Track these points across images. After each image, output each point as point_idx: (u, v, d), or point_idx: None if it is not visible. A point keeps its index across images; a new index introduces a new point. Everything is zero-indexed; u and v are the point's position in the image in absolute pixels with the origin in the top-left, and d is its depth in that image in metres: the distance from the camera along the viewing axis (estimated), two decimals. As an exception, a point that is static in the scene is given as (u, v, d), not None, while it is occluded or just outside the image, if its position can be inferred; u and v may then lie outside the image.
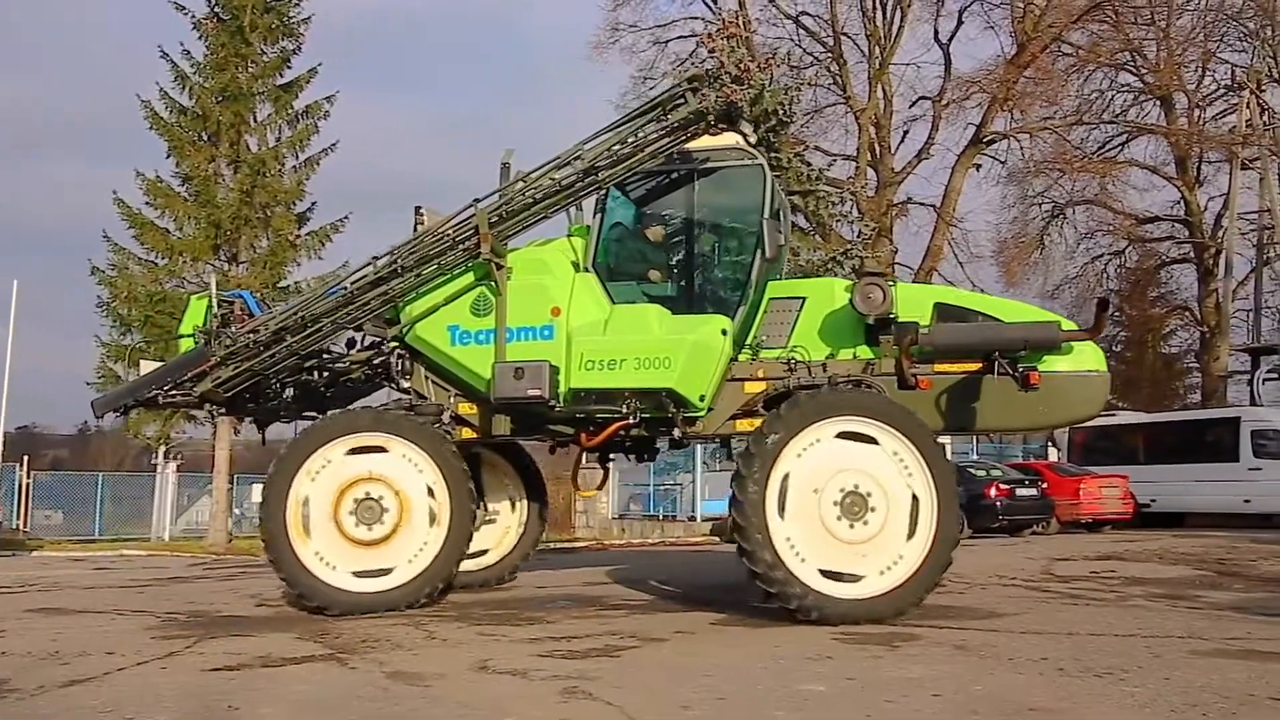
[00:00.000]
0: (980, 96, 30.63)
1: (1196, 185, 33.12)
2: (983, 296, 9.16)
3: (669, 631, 6.80)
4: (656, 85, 29.92)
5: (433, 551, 7.89)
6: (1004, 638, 6.35)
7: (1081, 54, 31.18)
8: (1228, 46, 32.06)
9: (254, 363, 8.58)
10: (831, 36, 32.31)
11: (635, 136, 8.08)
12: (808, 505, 7.05)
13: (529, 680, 5.19)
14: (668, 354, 7.62)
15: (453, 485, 7.93)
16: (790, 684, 5.01)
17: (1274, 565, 11.21)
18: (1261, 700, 4.53)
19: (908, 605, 6.99)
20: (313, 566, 7.85)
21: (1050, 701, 4.57)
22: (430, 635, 6.78)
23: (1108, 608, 8.01)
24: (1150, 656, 5.64)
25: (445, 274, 8.29)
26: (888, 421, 7.08)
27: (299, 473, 7.90)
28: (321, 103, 23.15)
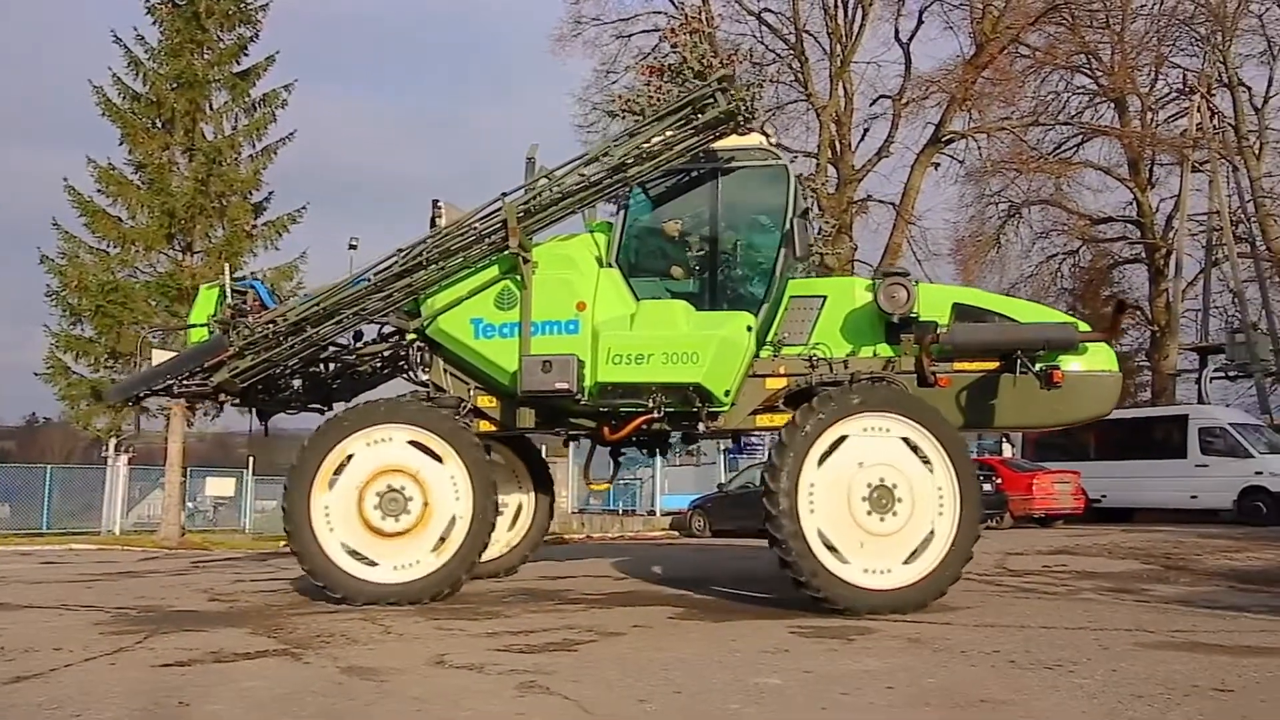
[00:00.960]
0: (939, 96, 30.96)
1: (1148, 187, 33.75)
2: (999, 297, 9.37)
3: (626, 625, 6.81)
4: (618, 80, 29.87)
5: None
6: (957, 631, 6.44)
7: (1038, 56, 31.61)
8: (1180, 51, 32.78)
9: (273, 353, 8.56)
10: (793, 34, 32.48)
11: (664, 135, 8.10)
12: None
13: (485, 674, 5.17)
14: (695, 349, 7.72)
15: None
16: (747, 677, 5.03)
17: (1219, 560, 11.47)
18: (1205, 691, 4.63)
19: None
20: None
21: (1001, 693, 4.64)
22: (386, 630, 6.73)
23: (1058, 601, 8.14)
24: (1099, 649, 5.74)
25: (469, 267, 8.29)
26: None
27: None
28: (279, 91, 22.83)
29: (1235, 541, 13.92)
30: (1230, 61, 32.00)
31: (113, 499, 25.42)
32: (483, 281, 8.31)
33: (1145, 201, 33.56)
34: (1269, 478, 19.98)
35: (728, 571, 10.65)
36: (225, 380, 8.59)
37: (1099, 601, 8.07)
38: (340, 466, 7.98)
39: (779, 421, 8.00)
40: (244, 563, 14.30)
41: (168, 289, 21.14)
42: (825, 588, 7.05)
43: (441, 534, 7.96)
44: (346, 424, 8.11)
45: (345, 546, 7.92)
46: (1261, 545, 13.22)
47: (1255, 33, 32.32)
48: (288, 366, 8.94)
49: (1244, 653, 5.61)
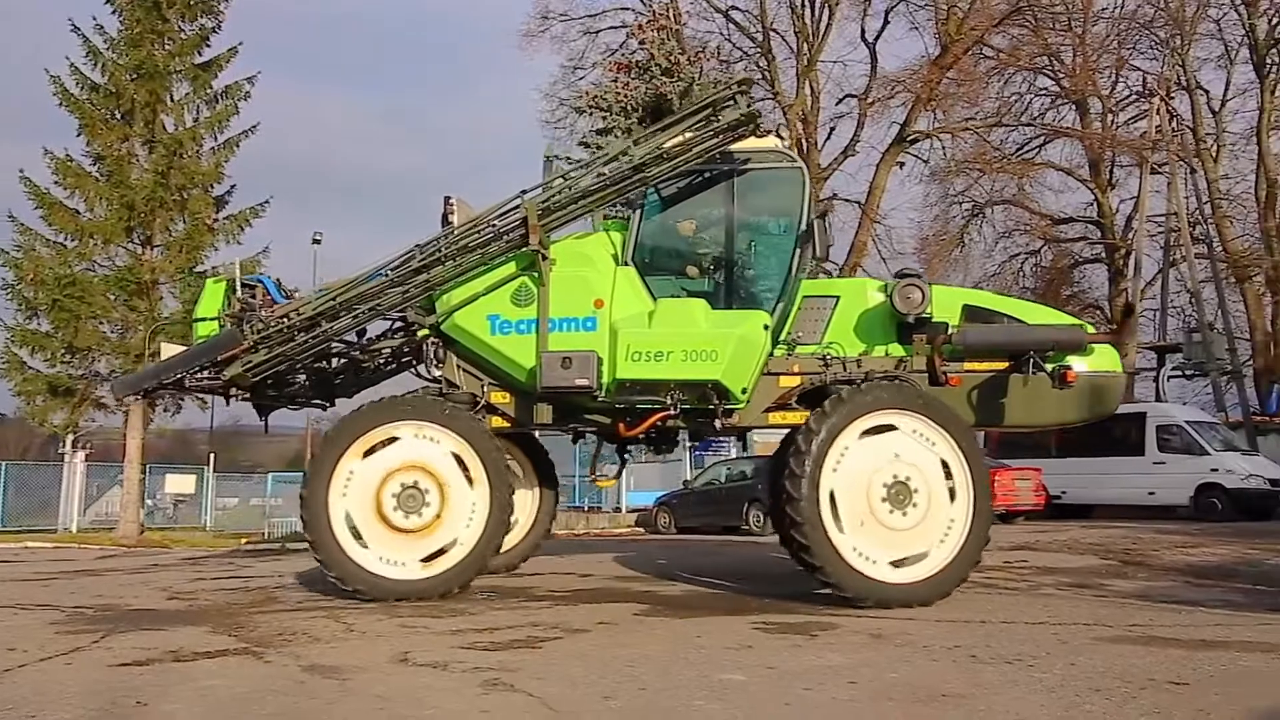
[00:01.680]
0: (905, 96, 31.24)
1: (1109, 188, 34.23)
2: (1007, 298, 9.55)
3: (591, 622, 6.80)
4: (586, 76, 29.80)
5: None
6: (919, 626, 6.50)
7: (1002, 57, 31.98)
8: (1140, 54, 33.30)
9: (287, 348, 8.52)
10: (761, 32, 32.63)
11: (683, 136, 8.18)
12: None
13: (449, 672, 5.14)
14: (715, 347, 7.82)
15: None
16: (711, 673, 5.05)
17: (1175, 555, 11.66)
18: (1161, 684, 4.71)
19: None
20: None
21: (962, 688, 4.69)
22: (349, 628, 6.67)
23: (1019, 596, 8.24)
24: (1058, 643, 5.82)
25: (486, 264, 8.30)
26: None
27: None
28: (242, 83, 22.58)
29: (1191, 537, 14.16)
30: (1189, 65, 32.55)
31: (70, 496, 25.03)
32: (500, 278, 8.33)
33: (1105, 202, 34.05)
34: (1224, 474, 20.35)
35: (693, 567, 10.68)
36: (238, 374, 8.54)
37: (1059, 596, 8.18)
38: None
39: (791, 419, 8.24)
40: (204, 561, 14.12)
41: (126, 283, 20.84)
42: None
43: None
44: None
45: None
46: (1216, 541, 13.46)
47: (1213, 37, 32.97)
48: (299, 361, 8.89)
49: (1199, 646, 5.71)
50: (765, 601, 7.82)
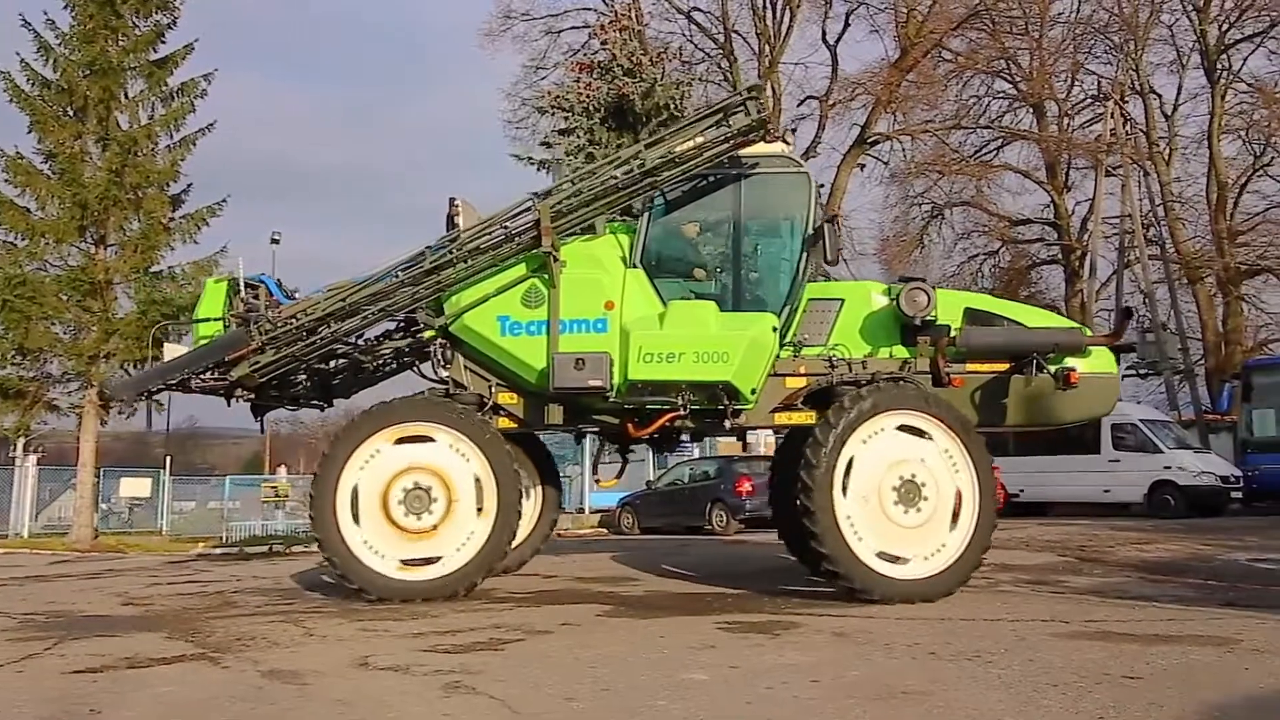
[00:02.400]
0: (865, 98, 31.48)
1: (1065, 190, 34.73)
2: (1006, 302, 9.78)
3: (554, 624, 6.79)
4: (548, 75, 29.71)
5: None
6: (880, 624, 6.56)
7: (960, 60, 32.31)
8: (1095, 58, 33.79)
9: (296, 348, 8.53)
10: (722, 33, 32.73)
11: (695, 140, 8.32)
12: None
13: (411, 676, 5.11)
14: (726, 349, 7.97)
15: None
16: (674, 673, 5.06)
17: (1130, 551, 11.87)
18: (1115, 678, 4.79)
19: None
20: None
21: (922, 684, 4.74)
22: (309, 632, 6.61)
23: (978, 594, 8.33)
24: (1015, 639, 5.91)
25: (496, 265, 8.35)
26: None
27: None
28: (198, 80, 22.19)
29: (1145, 534, 14.41)
30: (1142, 70, 33.10)
31: (21, 500, 24.49)
32: (510, 280, 8.39)
33: (1062, 204, 34.55)
34: (1177, 472, 20.72)
35: (656, 568, 10.70)
36: (245, 375, 8.54)
37: (1017, 593, 8.30)
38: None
39: (796, 419, 8.46)
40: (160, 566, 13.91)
41: (79, 283, 20.43)
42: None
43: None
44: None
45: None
46: (1170, 537, 13.71)
47: (1166, 42, 33.52)
48: (305, 362, 8.90)
49: (1153, 641, 5.82)
50: (728, 601, 7.86)
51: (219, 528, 23.95)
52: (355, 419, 8.37)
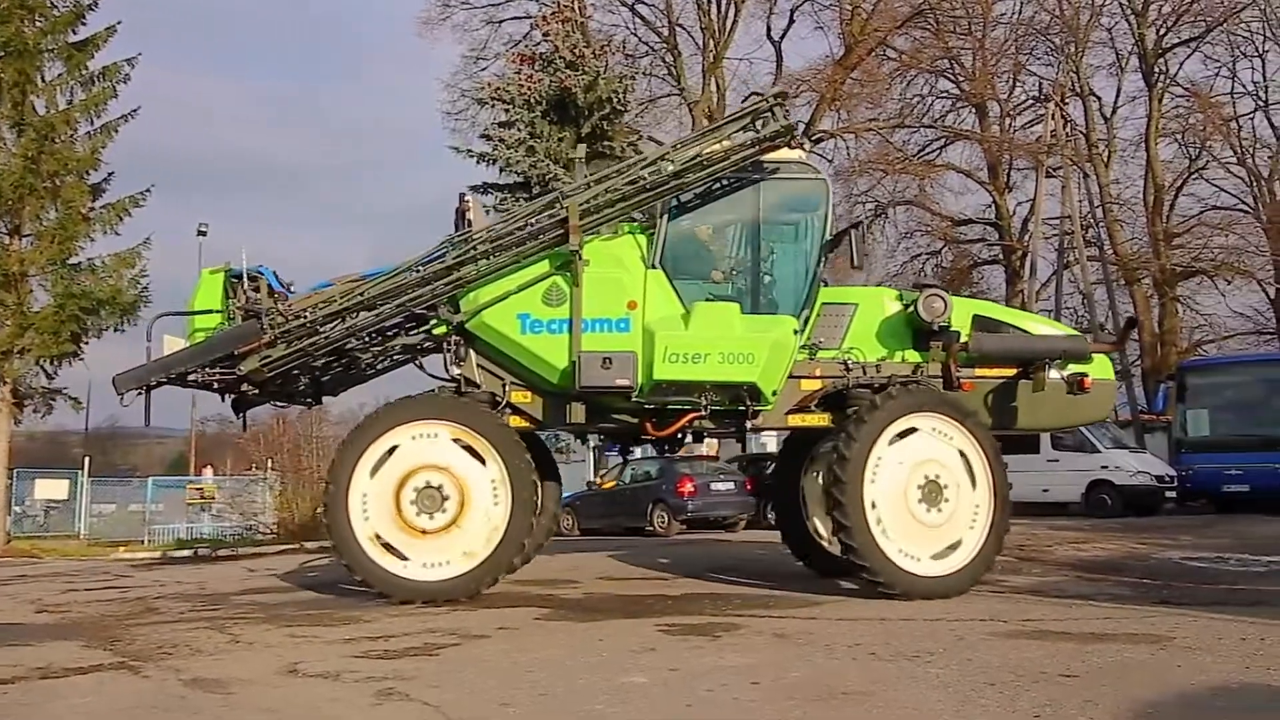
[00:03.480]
0: (809, 95, 31.78)
1: (1006, 190, 35.45)
2: (1010, 310, 10.31)
3: (491, 628, 6.76)
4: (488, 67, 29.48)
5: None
6: (821, 625, 6.64)
7: (904, 59, 32.81)
8: (1036, 60, 34.55)
9: (308, 343, 8.46)
10: (667, 27, 32.82)
11: (721, 144, 8.49)
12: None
13: (341, 683, 5.04)
14: (751, 350, 8.14)
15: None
16: (613, 677, 5.06)
17: (1067, 550, 12.16)
18: (1052, 677, 4.91)
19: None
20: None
21: (862, 685, 4.80)
22: (234, 639, 6.49)
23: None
24: (954, 639, 6.02)
25: (518, 263, 8.38)
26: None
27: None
28: (121, 64, 21.62)
29: (1082, 533, 14.77)
30: (1082, 72, 33.93)
31: (-73, 504, 23.65)
32: (531, 277, 8.42)
33: (1003, 204, 35.25)
34: (1114, 471, 21.25)
35: (596, 570, 10.70)
36: (254, 369, 8.41)
37: (956, 593, 8.45)
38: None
39: (810, 421, 8.77)
40: (77, 571, 13.54)
41: (-8, 274, 19.81)
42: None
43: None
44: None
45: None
46: (1106, 536, 14.08)
47: (1105, 45, 34.41)
48: (316, 357, 8.83)
49: (1088, 639, 5.97)
50: (668, 603, 7.89)
51: (140, 531, 23.40)
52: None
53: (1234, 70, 34.12)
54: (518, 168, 21.77)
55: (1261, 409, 20.62)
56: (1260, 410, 20.61)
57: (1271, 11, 32.19)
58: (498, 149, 22.19)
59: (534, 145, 21.54)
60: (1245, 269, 32.25)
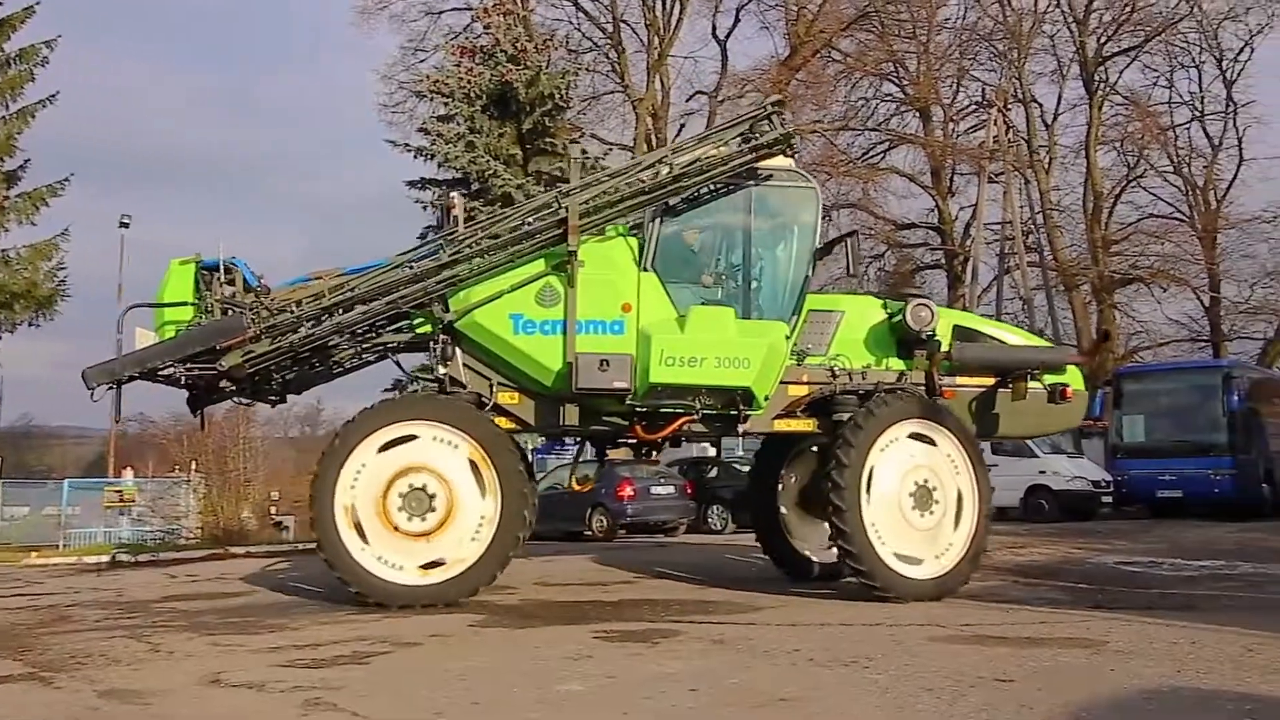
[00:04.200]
0: (754, 95, 31.99)
1: (949, 195, 36.07)
2: (988, 320, 10.71)
3: (424, 635, 6.69)
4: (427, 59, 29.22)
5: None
6: (761, 631, 6.69)
7: (849, 61, 33.24)
8: (980, 65, 35.23)
9: (294, 338, 8.30)
10: (611, 23, 32.83)
11: (719, 150, 8.63)
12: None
13: (266, 693, 4.95)
14: (747, 354, 8.25)
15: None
16: (548, 685, 5.05)
17: (1005, 555, 12.38)
18: (989, 682, 5.01)
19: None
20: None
21: (800, 691, 4.85)
22: (154, 648, 6.34)
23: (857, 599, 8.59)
24: (893, 644, 6.11)
25: (512, 262, 8.38)
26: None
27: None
28: (39, 47, 21.10)
29: (1020, 538, 15.07)
30: (1025, 78, 34.65)
31: None
32: (524, 277, 8.41)
33: (946, 209, 35.85)
34: (1051, 476, 21.74)
35: (532, 575, 10.64)
36: (237, 365, 8.23)
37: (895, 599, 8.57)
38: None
39: (795, 426, 8.94)
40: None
41: (-103, 264, 19.16)
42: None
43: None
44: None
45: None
46: (1043, 541, 14.39)
47: (1047, 52, 35.18)
48: (301, 354, 8.71)
49: (1024, 644, 6.10)
50: (606, 609, 7.88)
51: (55, 536, 22.76)
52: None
53: (1171, 80, 35.21)
54: (456, 163, 21.59)
55: (1195, 415, 21.24)
56: (1193, 417, 21.23)
57: (1208, 23, 33.27)
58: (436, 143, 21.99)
59: (473, 140, 21.38)
60: (1181, 277, 33.20)
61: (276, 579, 10.62)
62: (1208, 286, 34.05)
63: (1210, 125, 35.46)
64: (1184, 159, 35.52)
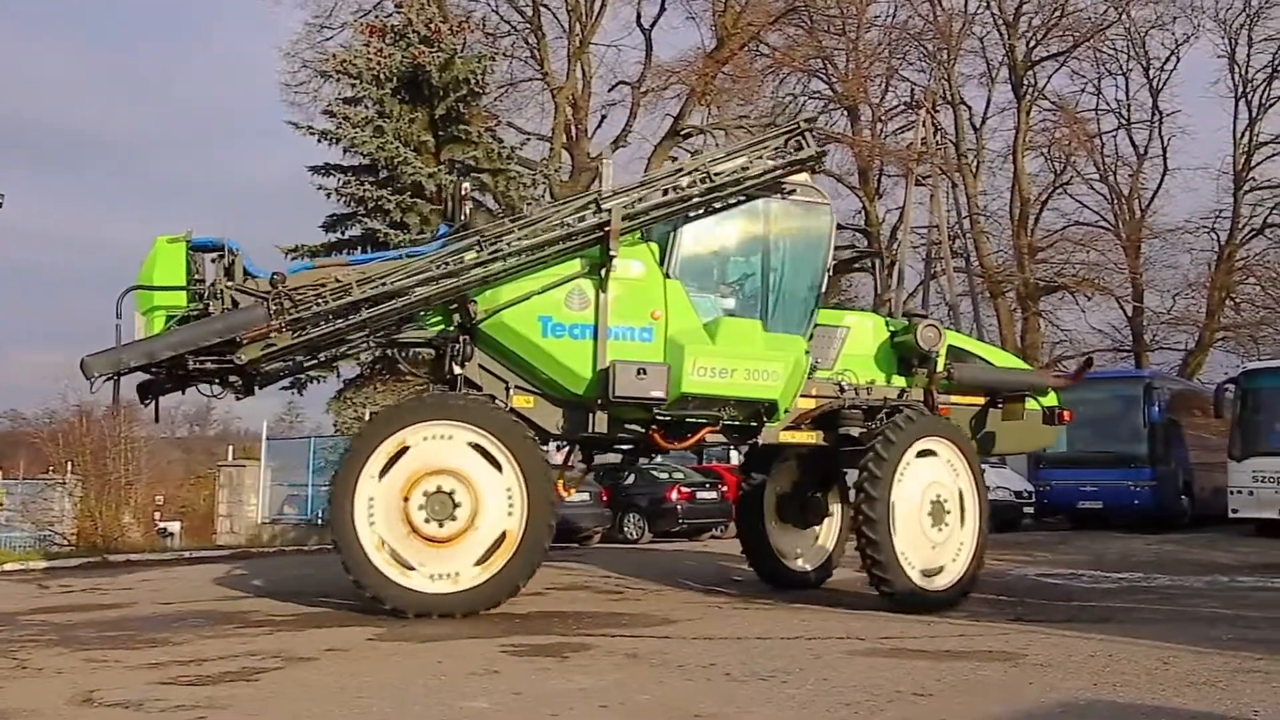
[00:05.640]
0: (679, 87, 32.17)
1: (876, 197, 36.76)
2: (974, 340, 11.54)
3: (319, 649, 6.57)
4: (334, 36, 28.78)
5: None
6: (675, 645, 6.72)
7: (777, 56, 33.60)
8: (909, 65, 35.97)
9: (318, 332, 8.14)
10: (530, 6, 32.65)
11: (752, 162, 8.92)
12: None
13: (144, 712, 4.81)
14: (775, 367, 8.64)
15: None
16: (451, 701, 5.00)
17: (926, 566, 12.66)
18: (906, 696, 5.11)
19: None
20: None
21: (715, 707, 4.89)
22: (21, 664, 6.11)
23: (776, 611, 8.71)
24: (811, 658, 6.20)
25: (543, 263, 8.44)
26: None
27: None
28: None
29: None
30: (954, 80, 35.51)
31: None
32: (555, 279, 8.48)
33: (873, 211, 36.53)
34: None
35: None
36: (255, 359, 8.01)
37: (814, 610, 8.73)
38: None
39: (800, 438, 9.32)
40: None
41: None
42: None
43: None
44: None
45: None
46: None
47: (977, 54, 36.09)
48: (319, 349, 8.73)
49: (944, 657, 6.25)
50: (514, 621, 7.83)
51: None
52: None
53: (1099, 87, 36.45)
54: (364, 149, 21.25)
55: (1116, 426, 21.95)
56: (1115, 427, 21.93)
57: (1136, 31, 34.52)
58: (342, 127, 21.61)
59: (382, 125, 21.06)
60: (1105, 286, 34.38)
61: (157, 590, 10.32)
62: (1131, 296, 35.32)
63: (1136, 134, 36.86)
64: (1110, 167, 36.83)
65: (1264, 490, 18.53)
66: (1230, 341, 35.75)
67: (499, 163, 22.22)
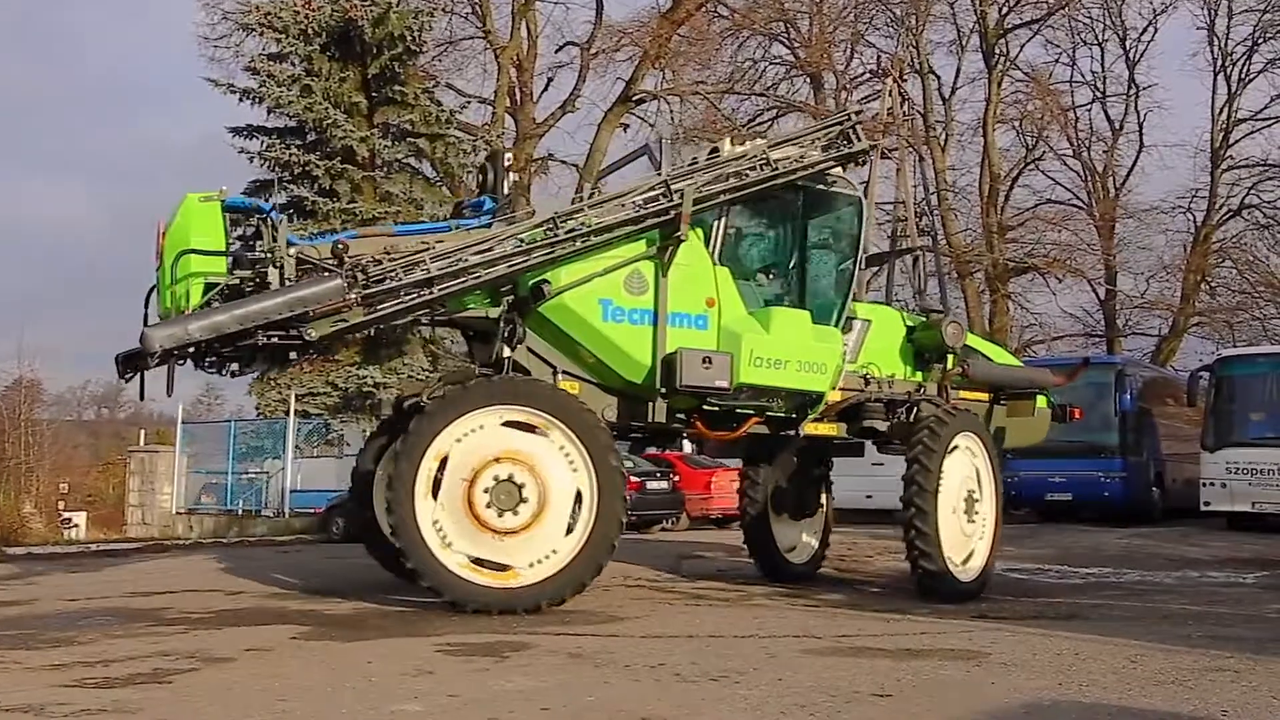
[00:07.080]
0: (632, 50, 32.08)
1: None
2: (976, 337, 12.01)
3: (238, 650, 6.51)
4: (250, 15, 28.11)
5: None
6: (622, 643, 6.74)
7: (737, 18, 33.63)
8: (876, 30, 36.20)
9: (388, 308, 8.09)
10: (473, -42, 32.35)
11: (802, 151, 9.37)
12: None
13: (46, 717, 4.74)
14: (824, 360, 9.06)
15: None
16: (381, 705, 4.98)
17: (888, 561, 12.84)
18: (865, 696, 5.18)
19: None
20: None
21: (665, 709, 4.92)
22: (-92, 666, 5.99)
23: (729, 608, 8.78)
24: (766, 657, 6.25)
25: (608, 244, 8.56)
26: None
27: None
28: None
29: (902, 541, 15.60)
30: (923, 47, 35.80)
31: None
32: (615, 261, 8.59)
33: (836, 185, 36.78)
34: (939, 477, 22.62)
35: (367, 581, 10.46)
36: (327, 334, 7.89)
37: (769, 607, 8.82)
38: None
39: (824, 430, 9.84)
40: None
41: None
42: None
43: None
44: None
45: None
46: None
47: (947, 20, 36.39)
48: (385, 325, 8.88)
49: (904, 656, 6.34)
50: (450, 619, 7.81)
51: None
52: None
53: (1074, 58, 36.98)
54: (290, 109, 21.02)
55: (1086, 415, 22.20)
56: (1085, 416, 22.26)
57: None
58: (266, 85, 21.35)
59: (310, 84, 20.86)
60: (1077, 268, 34.89)
61: (61, 586, 10.15)
62: (1104, 278, 35.89)
63: (1112, 108, 37.44)
64: (1084, 142, 37.39)
65: (1237, 482, 18.97)
66: (1205, 327, 36.54)
67: (437, 127, 22.08)
